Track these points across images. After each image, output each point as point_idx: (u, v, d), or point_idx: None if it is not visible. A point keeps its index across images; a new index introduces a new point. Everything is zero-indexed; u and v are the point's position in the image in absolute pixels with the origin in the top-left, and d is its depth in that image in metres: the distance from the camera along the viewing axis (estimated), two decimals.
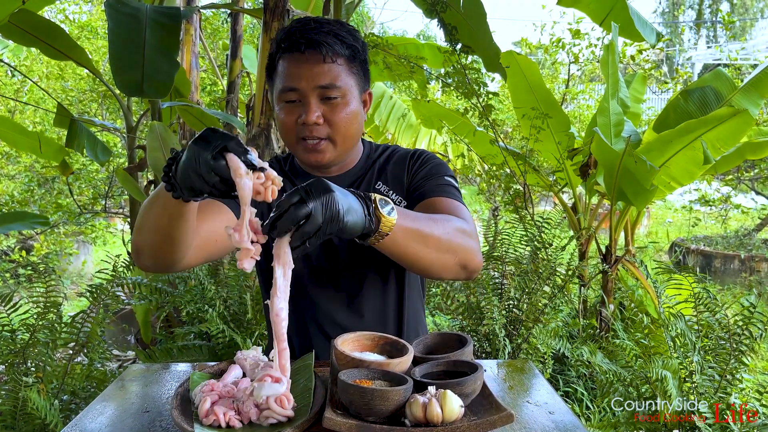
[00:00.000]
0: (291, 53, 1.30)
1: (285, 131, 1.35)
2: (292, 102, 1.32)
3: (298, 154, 1.37)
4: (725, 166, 3.77)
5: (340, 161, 1.41)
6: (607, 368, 2.13)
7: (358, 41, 1.36)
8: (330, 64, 1.29)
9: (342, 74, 1.31)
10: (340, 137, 1.33)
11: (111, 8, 2.80)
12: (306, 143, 1.32)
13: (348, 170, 1.46)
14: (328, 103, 1.30)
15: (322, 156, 1.33)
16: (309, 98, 1.29)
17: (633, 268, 3.57)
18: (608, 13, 3.47)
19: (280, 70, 1.34)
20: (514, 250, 3.29)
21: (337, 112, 1.31)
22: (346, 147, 1.37)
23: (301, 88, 1.29)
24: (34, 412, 1.79)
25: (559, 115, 3.66)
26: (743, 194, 8.31)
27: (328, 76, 1.29)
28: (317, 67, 1.29)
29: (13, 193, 5.63)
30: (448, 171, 1.44)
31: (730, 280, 6.67)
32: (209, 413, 1.00)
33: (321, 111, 1.30)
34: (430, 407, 0.96)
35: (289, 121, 1.32)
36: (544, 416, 1.12)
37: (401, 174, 1.44)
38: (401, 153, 1.49)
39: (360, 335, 1.21)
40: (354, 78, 1.35)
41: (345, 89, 1.31)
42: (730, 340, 2.09)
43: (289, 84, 1.30)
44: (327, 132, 1.32)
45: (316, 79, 1.29)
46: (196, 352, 2.48)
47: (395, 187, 1.43)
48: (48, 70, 6.58)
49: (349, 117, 1.33)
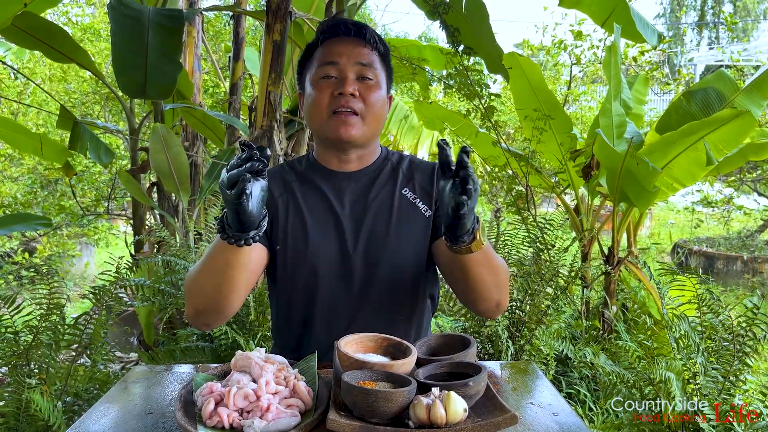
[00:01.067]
0: (335, 37, 1.42)
1: (318, 106, 1.40)
2: (328, 78, 1.39)
3: (326, 128, 1.40)
4: (728, 168, 3.76)
5: (363, 144, 1.45)
6: (611, 370, 2.12)
7: (388, 47, 1.48)
8: (369, 50, 1.42)
9: (377, 63, 1.43)
10: (370, 115, 1.40)
11: (114, 10, 2.80)
12: (338, 116, 1.37)
13: (367, 166, 1.49)
14: (363, 82, 1.39)
15: (351, 128, 1.38)
16: (347, 72, 1.38)
17: (636, 270, 3.56)
18: (610, 14, 3.47)
19: (318, 54, 1.43)
20: (516, 251, 3.29)
21: (371, 91, 1.40)
22: (372, 129, 1.43)
23: (342, 62, 1.39)
24: (37, 413, 1.79)
25: (562, 116, 3.66)
26: (745, 195, 8.29)
27: (368, 57, 1.41)
28: (359, 47, 1.41)
29: (16, 195, 5.64)
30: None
31: (732, 282, 6.66)
32: (213, 415, 1.01)
33: (357, 87, 1.38)
34: (434, 409, 0.96)
35: (324, 95, 1.39)
36: (548, 418, 1.12)
37: (429, 187, 1.47)
38: (428, 165, 1.53)
39: (363, 336, 1.21)
40: (384, 74, 1.45)
41: (378, 76, 1.42)
42: (734, 342, 2.08)
43: (329, 59, 1.40)
44: (360, 107, 1.38)
45: (357, 57, 1.40)
46: (199, 354, 2.48)
47: (422, 197, 1.46)
48: (51, 73, 6.59)
49: (380, 100, 1.42)
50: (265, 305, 2.71)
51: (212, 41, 6.46)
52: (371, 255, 1.40)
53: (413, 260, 1.43)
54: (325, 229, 1.42)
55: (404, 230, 1.42)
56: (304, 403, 1.06)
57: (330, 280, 1.41)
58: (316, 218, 1.42)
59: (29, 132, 3.45)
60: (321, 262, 1.40)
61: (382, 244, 1.40)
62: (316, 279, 1.40)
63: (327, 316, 1.42)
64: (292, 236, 1.42)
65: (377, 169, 1.49)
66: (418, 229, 1.43)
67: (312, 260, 1.40)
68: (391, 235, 1.41)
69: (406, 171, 1.50)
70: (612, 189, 3.28)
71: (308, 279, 1.41)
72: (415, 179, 1.48)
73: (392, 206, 1.43)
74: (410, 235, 1.42)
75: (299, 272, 1.41)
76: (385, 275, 1.41)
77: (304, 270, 1.41)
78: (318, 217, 1.42)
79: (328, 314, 1.42)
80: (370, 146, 1.48)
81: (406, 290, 1.44)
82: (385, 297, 1.42)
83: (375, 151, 1.51)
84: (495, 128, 3.63)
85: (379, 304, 1.42)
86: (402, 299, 1.44)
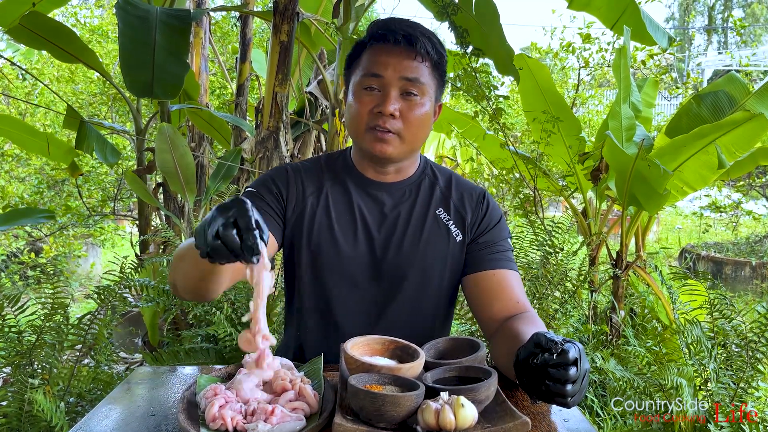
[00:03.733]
0: (383, 43, 1.33)
1: (356, 119, 1.34)
2: (371, 89, 1.32)
3: (364, 142, 1.35)
4: (738, 172, 3.72)
5: (401, 160, 1.40)
6: (620, 375, 2.09)
7: (444, 52, 1.38)
8: (419, 62, 1.32)
9: (426, 75, 1.33)
10: (410, 135, 1.33)
11: (121, 10, 2.80)
12: (375, 132, 1.32)
13: (404, 179, 1.45)
14: (406, 98, 1.31)
15: (388, 147, 1.33)
16: (390, 88, 1.30)
17: (644, 274, 3.52)
18: (619, 16, 3.43)
19: (365, 58, 1.35)
20: (524, 255, 3.26)
21: (413, 109, 1.32)
22: (412, 147, 1.37)
23: (386, 76, 1.30)
24: (39, 414, 1.77)
25: (570, 118, 3.63)
26: (754, 200, 8.22)
27: (415, 71, 1.31)
28: (407, 60, 1.31)
29: (22, 195, 5.64)
30: (508, 231, 1.46)
31: (741, 287, 6.60)
32: (216, 417, 0.98)
33: (398, 105, 1.30)
34: (443, 414, 0.93)
35: (364, 109, 1.32)
36: (559, 424, 1.09)
37: (464, 212, 1.43)
38: (466, 187, 1.48)
39: (370, 339, 1.18)
40: (434, 83, 1.36)
41: (425, 89, 1.33)
42: (746, 348, 2.05)
43: (374, 70, 1.32)
44: (398, 127, 1.32)
45: (403, 71, 1.30)
46: (203, 355, 2.46)
47: (456, 221, 1.43)
48: (59, 74, 6.61)
49: (423, 118, 1.34)
50: (270, 307, 2.69)
51: (220, 43, 6.46)
52: (397, 270, 1.38)
53: (438, 281, 1.41)
54: (354, 238, 1.39)
55: (432, 250, 1.40)
56: (309, 407, 1.04)
57: (352, 289, 1.39)
58: (345, 226, 1.40)
59: (36, 132, 3.45)
60: (345, 271, 1.38)
61: (408, 262, 1.38)
62: (339, 287, 1.39)
63: (343, 326, 1.40)
64: (319, 239, 1.39)
65: (414, 183, 1.45)
66: (448, 252, 1.41)
67: (337, 268, 1.38)
68: (419, 253, 1.38)
69: (443, 191, 1.46)
70: (621, 192, 3.25)
71: (331, 286, 1.39)
72: (452, 202, 1.44)
73: (424, 226, 1.40)
74: (438, 256, 1.40)
75: (323, 278, 1.39)
76: (408, 293, 1.39)
77: (330, 276, 1.39)
78: (347, 225, 1.40)
79: (344, 325, 1.40)
80: (410, 159, 1.44)
81: (426, 310, 1.42)
82: (404, 314, 1.40)
83: (414, 162, 1.47)
84: (503, 130, 3.60)
85: (397, 321, 1.40)
86: (418, 319, 1.42)
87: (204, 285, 1.19)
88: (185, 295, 1.26)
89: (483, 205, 1.45)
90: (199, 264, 1.08)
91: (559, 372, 0.85)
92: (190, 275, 1.19)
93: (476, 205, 1.44)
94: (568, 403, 0.88)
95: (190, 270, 1.18)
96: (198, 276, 1.17)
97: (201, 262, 1.02)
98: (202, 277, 1.17)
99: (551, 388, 0.86)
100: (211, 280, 1.18)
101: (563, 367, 0.85)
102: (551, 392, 0.87)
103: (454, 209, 1.43)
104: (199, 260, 1.02)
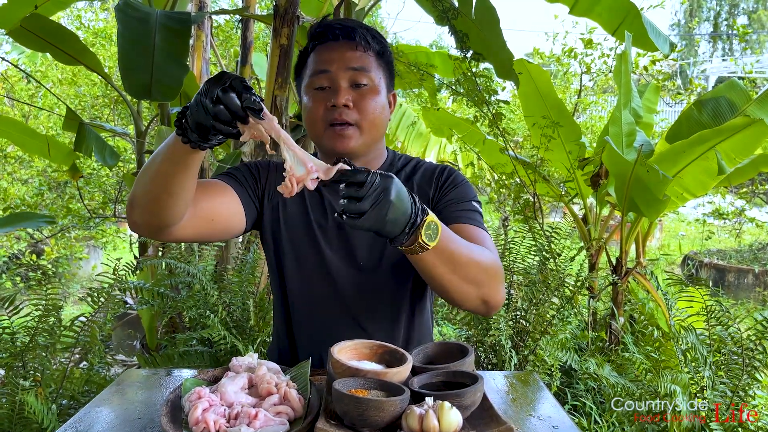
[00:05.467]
0: (324, 43, 1.35)
1: (313, 120, 1.34)
2: (322, 89, 1.33)
3: (324, 142, 1.35)
4: (739, 178, 3.70)
5: (365, 153, 1.39)
6: (615, 381, 2.07)
7: (385, 42, 1.40)
8: (362, 52, 1.34)
9: (372, 64, 1.35)
10: (367, 124, 1.33)
11: (121, 12, 2.80)
12: (334, 129, 1.32)
13: None
14: (357, 90, 1.32)
15: (349, 141, 1.32)
16: (339, 81, 1.31)
17: (644, 281, 3.51)
18: (621, 22, 3.43)
19: (310, 61, 1.37)
20: (522, 260, 3.24)
21: (366, 97, 1.33)
22: (372, 137, 1.37)
23: (333, 70, 1.32)
24: (31, 416, 1.77)
25: (570, 124, 3.62)
26: (757, 208, 8.19)
27: (359, 61, 1.33)
28: (349, 52, 1.33)
29: (24, 197, 5.66)
30: (474, 194, 1.43)
31: (743, 295, 6.56)
32: (200, 421, 0.98)
33: (351, 96, 1.31)
34: (427, 419, 0.92)
35: (319, 107, 1.33)
36: (547, 431, 1.08)
37: (427, 188, 1.43)
38: (428, 167, 1.48)
39: (358, 343, 1.17)
40: (382, 72, 1.38)
41: (373, 78, 1.34)
42: (743, 355, 2.03)
43: (320, 67, 1.33)
44: (355, 118, 1.32)
45: (348, 62, 1.32)
46: (198, 359, 2.45)
47: (422, 199, 1.40)
48: (62, 76, 6.64)
49: (377, 106, 1.35)
50: (265, 310, 2.68)
51: (221, 47, 6.48)
52: (370, 261, 1.39)
53: (412, 267, 1.40)
54: (332, 237, 1.40)
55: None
56: (294, 411, 1.03)
57: (332, 282, 1.39)
58: (323, 226, 1.41)
59: (36, 134, 3.46)
60: (322, 263, 1.39)
61: (381, 253, 1.38)
62: (320, 281, 1.39)
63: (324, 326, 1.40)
64: (297, 232, 1.40)
65: None
66: None
67: (316, 260, 1.39)
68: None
69: (407, 174, 1.46)
70: (621, 198, 3.24)
71: (311, 279, 1.40)
72: (414, 181, 1.44)
73: None
74: None
75: (304, 271, 1.40)
76: (385, 280, 1.39)
77: (311, 269, 1.40)
78: (325, 226, 1.41)
79: (324, 324, 1.40)
80: (374, 152, 1.43)
81: (406, 293, 1.42)
82: (382, 303, 1.40)
83: (381, 155, 1.47)
84: (503, 135, 3.59)
85: (379, 308, 1.40)
86: (400, 302, 1.42)
87: (166, 197, 1.11)
88: (142, 213, 1.15)
89: (444, 174, 1.44)
90: (173, 158, 1.06)
91: (349, 190, 0.97)
92: (157, 181, 1.10)
93: (437, 176, 1.44)
94: (357, 223, 0.96)
95: (157, 174, 1.10)
96: (162, 181, 1.10)
97: (175, 155, 1.04)
98: (166, 183, 1.10)
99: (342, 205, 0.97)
100: (176, 186, 1.10)
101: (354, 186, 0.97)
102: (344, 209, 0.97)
103: (419, 189, 1.43)
104: (174, 155, 1.04)
